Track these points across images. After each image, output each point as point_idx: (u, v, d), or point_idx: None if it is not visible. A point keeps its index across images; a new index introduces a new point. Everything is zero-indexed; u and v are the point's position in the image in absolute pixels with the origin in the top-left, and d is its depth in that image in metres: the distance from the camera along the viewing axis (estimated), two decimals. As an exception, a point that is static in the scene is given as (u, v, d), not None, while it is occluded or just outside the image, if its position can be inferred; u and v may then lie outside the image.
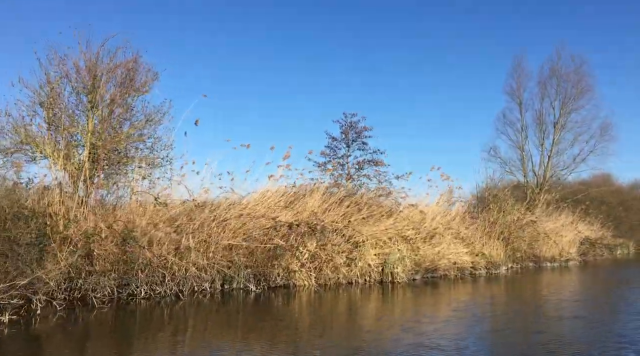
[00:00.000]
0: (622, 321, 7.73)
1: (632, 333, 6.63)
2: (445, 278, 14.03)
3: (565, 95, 30.42)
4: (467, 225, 17.56)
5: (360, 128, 22.71)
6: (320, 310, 8.82)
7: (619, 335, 6.52)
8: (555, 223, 22.47)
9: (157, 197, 9.49)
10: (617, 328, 7.19)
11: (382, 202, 15.80)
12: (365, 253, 12.35)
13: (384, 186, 19.83)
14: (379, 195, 16.69)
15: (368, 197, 15.61)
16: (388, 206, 15.43)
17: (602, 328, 7.10)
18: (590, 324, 7.47)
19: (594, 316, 8.23)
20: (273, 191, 12.70)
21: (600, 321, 7.67)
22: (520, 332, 7.00)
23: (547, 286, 13.79)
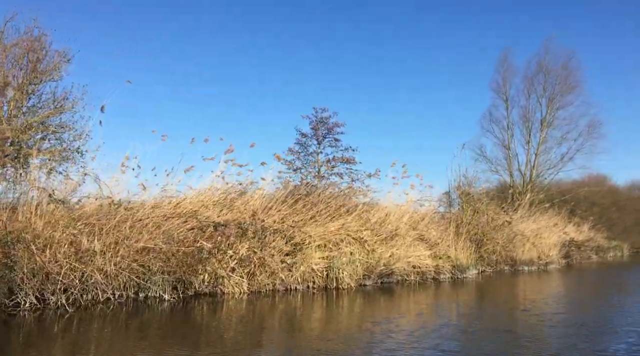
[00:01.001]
0: (555, 336, 6.64)
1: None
2: (404, 284, 12.94)
3: (553, 91, 29.35)
4: (436, 226, 16.49)
5: (332, 124, 21.65)
6: (241, 322, 7.73)
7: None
8: (536, 224, 21.35)
9: (52, 194, 8.42)
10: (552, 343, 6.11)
11: (345, 201, 14.73)
12: (309, 256, 11.28)
13: (350, 185, 18.77)
14: (342, 194, 15.63)
15: (328, 195, 14.55)
16: (349, 205, 14.36)
17: (531, 344, 6.02)
18: (516, 340, 6.38)
19: (526, 330, 7.14)
20: (213, 189, 11.65)
21: (531, 337, 6.58)
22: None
23: (509, 292, 12.71)
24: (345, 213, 13.86)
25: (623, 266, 23.37)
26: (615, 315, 8.25)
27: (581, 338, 6.31)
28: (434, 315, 8.57)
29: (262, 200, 11.89)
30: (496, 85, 30.46)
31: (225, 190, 11.66)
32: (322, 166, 21.53)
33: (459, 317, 8.31)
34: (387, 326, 7.20)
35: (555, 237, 22.70)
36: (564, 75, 29.14)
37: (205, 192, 11.48)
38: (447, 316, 8.32)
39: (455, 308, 9.48)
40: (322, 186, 19.90)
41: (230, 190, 11.67)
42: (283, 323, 7.70)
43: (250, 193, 12.33)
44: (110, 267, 8.63)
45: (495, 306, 10.15)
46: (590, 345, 5.98)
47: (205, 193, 11.44)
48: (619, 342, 6.09)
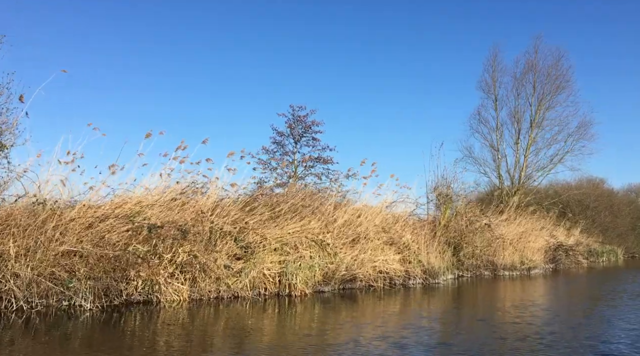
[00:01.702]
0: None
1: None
2: (369, 290, 12.13)
3: (542, 91, 28.58)
4: (410, 229, 15.70)
5: (309, 122, 20.92)
6: (168, 333, 6.92)
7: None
8: (521, 227, 20.55)
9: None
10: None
11: (312, 202, 13.95)
12: (261, 261, 10.48)
13: (325, 187, 18.00)
14: (309, 194, 14.85)
15: (291, 196, 13.78)
16: (314, 207, 13.58)
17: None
18: None
19: (469, 343, 6.33)
20: (161, 188, 10.88)
21: (468, 351, 5.78)
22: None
23: (475, 300, 11.89)
24: (311, 215, 13.12)
25: (612, 272, 22.53)
26: (576, 326, 7.45)
27: (524, 353, 5.52)
28: (372, 325, 7.77)
29: (215, 200, 11.12)
30: (485, 85, 29.73)
31: (172, 190, 10.87)
32: (298, 166, 20.79)
33: (399, 329, 7.51)
34: (310, 341, 6.41)
35: (542, 241, 21.91)
36: (554, 75, 28.40)
37: (152, 192, 10.71)
38: (385, 327, 7.52)
39: (403, 317, 8.68)
40: (287, 186, 19.23)
41: (177, 189, 10.88)
42: (209, 334, 6.90)
43: (208, 193, 11.58)
44: (26, 272, 7.85)
45: (449, 314, 9.34)
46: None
47: (151, 193, 10.67)
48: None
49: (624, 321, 7.88)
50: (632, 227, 46.53)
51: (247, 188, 13.37)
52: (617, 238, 41.62)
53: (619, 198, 47.20)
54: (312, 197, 14.42)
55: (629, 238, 44.84)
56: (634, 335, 6.65)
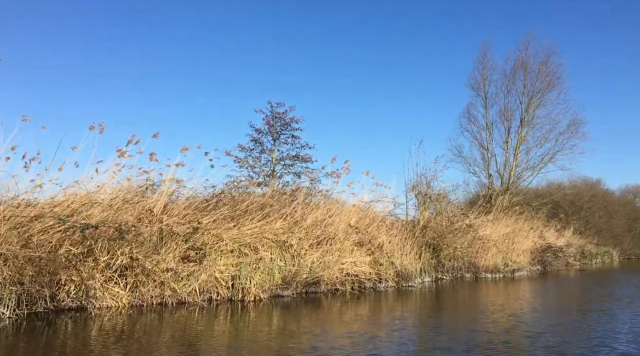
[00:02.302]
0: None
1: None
2: (335, 294, 11.42)
3: (533, 88, 27.90)
4: (387, 229, 15.01)
5: (288, 119, 20.25)
6: (103, 347, 6.22)
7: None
8: (507, 228, 19.85)
9: None
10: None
11: (281, 201, 13.27)
12: (213, 263, 9.78)
13: (301, 185, 17.31)
14: (280, 193, 14.19)
15: (258, 194, 13.12)
16: (280, 205, 12.91)
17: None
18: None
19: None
20: (107, 185, 10.19)
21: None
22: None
23: (444, 304, 11.17)
24: (277, 214, 12.45)
25: (602, 274, 21.81)
26: (536, 336, 6.75)
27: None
28: (311, 335, 7.07)
29: (167, 198, 10.42)
30: (474, 83, 29.06)
31: (118, 188, 10.17)
32: (276, 164, 20.11)
33: (342, 339, 6.81)
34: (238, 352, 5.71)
35: (530, 242, 21.21)
36: (545, 72, 27.73)
37: (99, 190, 10.02)
38: (325, 338, 6.82)
39: (352, 326, 7.98)
40: (266, 185, 18.55)
41: (125, 186, 10.19)
42: (144, 344, 6.20)
43: (161, 190, 10.88)
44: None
45: (407, 321, 8.64)
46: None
47: (99, 191, 9.98)
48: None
49: (594, 331, 7.18)
50: (629, 228, 45.77)
51: (217, 187, 12.69)
52: (613, 240, 40.89)
53: (615, 199, 46.44)
54: (280, 196, 13.76)
55: (625, 240, 44.08)
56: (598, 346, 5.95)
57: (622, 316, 8.97)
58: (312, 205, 14.03)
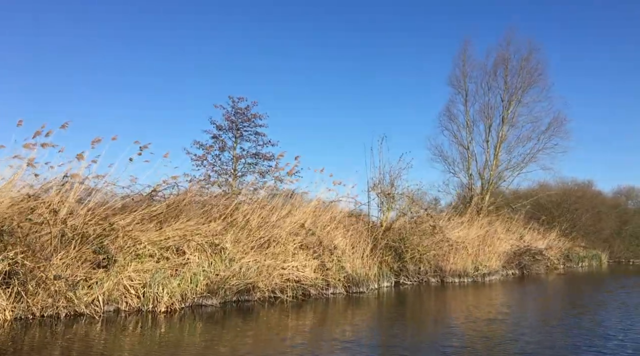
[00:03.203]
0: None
1: None
2: (274, 302, 10.32)
3: (514, 85, 26.89)
4: (344, 231, 13.94)
5: (250, 115, 19.16)
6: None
7: None
8: (481, 230, 18.80)
9: None
10: None
11: (220, 200, 12.19)
12: (122, 269, 8.68)
13: (253, 183, 16.25)
14: (222, 194, 13.12)
15: (197, 193, 12.05)
16: (220, 206, 11.84)
17: None
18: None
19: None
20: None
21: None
22: None
23: (386, 314, 10.08)
24: (217, 215, 11.39)
25: (585, 279, 20.77)
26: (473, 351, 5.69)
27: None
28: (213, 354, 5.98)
29: (76, 197, 9.31)
30: (455, 80, 28.02)
31: (9, 182, 9.05)
32: (237, 163, 19.01)
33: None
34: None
35: (507, 244, 20.16)
36: (527, 68, 26.72)
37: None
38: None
39: (259, 342, 6.89)
40: (227, 185, 17.47)
41: (27, 182, 9.08)
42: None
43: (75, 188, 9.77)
44: None
45: (326, 336, 7.57)
46: None
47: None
48: None
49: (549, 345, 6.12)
50: (619, 230, 44.74)
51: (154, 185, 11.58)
52: (602, 243, 39.81)
53: (605, 200, 45.39)
54: (221, 196, 12.69)
55: (614, 243, 43.01)
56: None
57: (579, 328, 7.93)
58: (268, 206, 13.00)
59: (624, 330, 7.73)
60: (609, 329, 7.90)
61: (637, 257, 44.43)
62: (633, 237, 45.70)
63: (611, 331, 7.64)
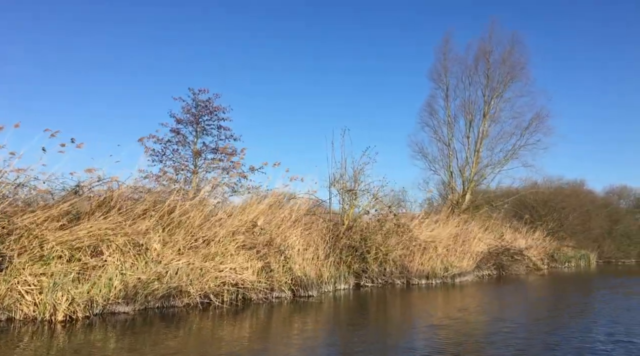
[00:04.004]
0: None
1: None
2: (208, 308, 9.31)
3: (496, 79, 25.98)
4: (301, 230, 12.96)
5: (212, 108, 18.13)
6: None
7: None
8: (456, 229, 17.86)
9: None
10: None
11: (155, 196, 11.19)
12: (17, 272, 7.66)
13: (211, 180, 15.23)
14: (160, 191, 12.09)
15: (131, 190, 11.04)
16: (156, 201, 10.83)
17: None
18: None
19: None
20: None
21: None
22: None
23: (324, 322, 9.09)
24: (153, 213, 10.39)
25: (566, 280, 19.85)
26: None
27: None
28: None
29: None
30: (435, 74, 27.11)
31: None
32: (197, 159, 17.97)
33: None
34: None
35: (483, 244, 19.22)
36: (509, 62, 25.82)
37: None
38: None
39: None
40: (188, 182, 16.47)
41: None
42: None
43: None
44: None
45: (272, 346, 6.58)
46: None
47: None
48: None
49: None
50: (609, 230, 43.83)
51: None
52: (592, 243, 38.88)
53: (595, 199, 44.51)
54: (161, 192, 11.68)
55: (604, 242, 42.10)
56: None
57: (527, 334, 6.98)
58: (214, 203, 12.03)
59: (572, 339, 6.79)
60: (559, 338, 6.95)
61: (628, 257, 43.52)
62: (624, 236, 44.81)
63: (561, 341, 6.70)
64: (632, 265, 39.56)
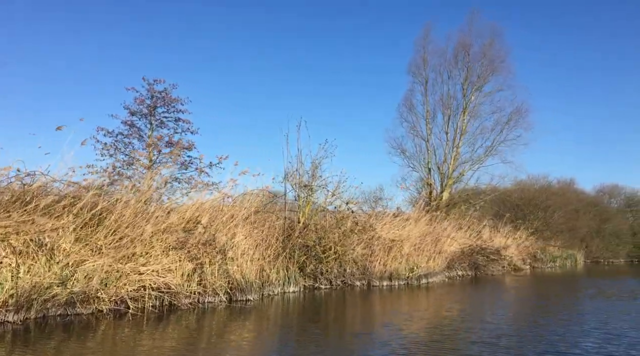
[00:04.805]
0: None
1: None
2: (125, 315, 8.27)
3: (476, 73, 25.04)
4: (250, 228, 11.94)
5: (169, 99, 17.09)
6: None
7: None
8: (425, 227, 16.88)
9: None
10: None
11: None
12: None
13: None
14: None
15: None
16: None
17: None
18: None
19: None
20: None
21: None
22: None
23: (248, 331, 8.07)
24: (71, 209, 9.33)
25: (544, 281, 18.93)
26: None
27: None
28: None
29: None
30: (415, 68, 26.14)
31: None
32: (152, 153, 16.91)
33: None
34: None
35: (456, 243, 18.26)
36: (489, 55, 24.88)
37: None
38: None
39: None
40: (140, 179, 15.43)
41: None
42: None
43: None
44: None
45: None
46: None
47: None
48: None
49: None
50: (597, 229, 42.99)
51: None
52: (580, 242, 38.02)
53: (582, 198, 43.69)
54: (88, 187, 10.61)
55: (592, 242, 41.25)
56: None
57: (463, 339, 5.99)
58: (147, 199, 10.98)
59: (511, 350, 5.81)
60: (495, 345, 5.97)
61: (617, 257, 42.73)
62: (613, 236, 43.98)
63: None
64: (621, 265, 38.75)
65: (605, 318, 8.81)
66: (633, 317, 9.00)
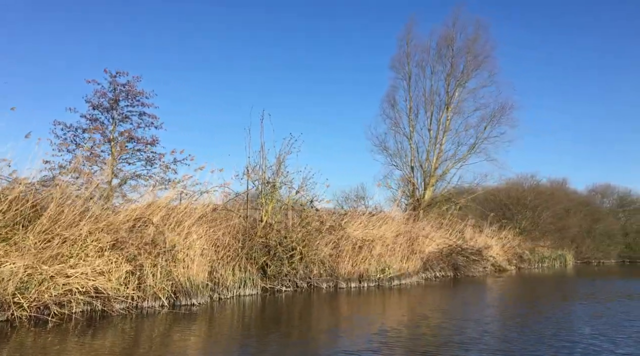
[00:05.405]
0: None
1: None
2: (48, 321, 7.48)
3: (460, 69, 24.35)
4: (207, 226, 11.18)
5: (133, 92, 16.30)
6: None
7: None
8: (402, 227, 16.15)
9: None
10: None
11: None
12: None
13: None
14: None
15: None
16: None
17: None
18: None
19: None
20: None
21: None
22: None
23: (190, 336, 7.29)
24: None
25: (525, 283, 18.22)
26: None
27: None
28: None
29: None
30: (398, 63, 25.43)
31: None
32: (114, 147, 16.10)
33: None
34: None
35: (435, 244, 17.54)
36: (473, 50, 24.20)
37: None
38: None
39: None
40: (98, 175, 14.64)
41: None
42: None
43: None
44: None
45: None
46: None
47: None
48: None
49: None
50: (588, 229, 42.34)
51: None
52: (570, 242, 37.35)
53: (573, 198, 43.06)
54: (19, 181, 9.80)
55: (583, 242, 40.58)
56: None
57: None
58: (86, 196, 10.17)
59: None
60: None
61: (608, 258, 42.06)
62: (604, 236, 43.30)
63: None
64: (612, 265, 38.09)
65: (569, 323, 8.09)
66: (602, 321, 8.29)
